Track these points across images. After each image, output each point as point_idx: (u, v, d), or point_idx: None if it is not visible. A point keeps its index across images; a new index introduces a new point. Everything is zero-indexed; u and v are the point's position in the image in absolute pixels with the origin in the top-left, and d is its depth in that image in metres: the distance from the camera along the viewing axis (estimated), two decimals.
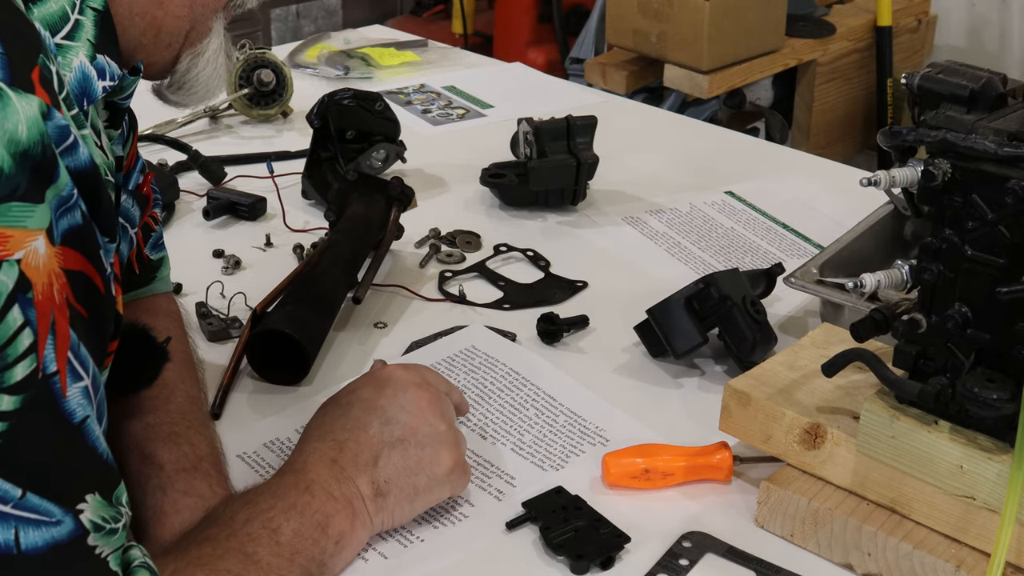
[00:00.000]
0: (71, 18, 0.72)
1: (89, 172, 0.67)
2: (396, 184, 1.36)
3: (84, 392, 0.66)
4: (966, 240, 0.81)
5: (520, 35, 3.87)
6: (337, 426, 0.90)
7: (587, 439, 1.03)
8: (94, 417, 0.67)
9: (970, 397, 0.80)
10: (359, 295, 1.22)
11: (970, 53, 3.55)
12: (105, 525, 0.67)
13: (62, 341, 0.64)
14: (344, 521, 0.85)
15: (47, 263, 0.63)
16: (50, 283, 0.63)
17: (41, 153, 0.62)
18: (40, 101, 0.63)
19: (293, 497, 0.83)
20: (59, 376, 0.64)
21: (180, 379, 0.96)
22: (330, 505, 0.84)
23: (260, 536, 0.79)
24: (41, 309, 0.62)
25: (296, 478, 0.85)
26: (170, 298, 1.08)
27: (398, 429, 0.89)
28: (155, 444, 0.90)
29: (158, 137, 1.61)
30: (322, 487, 0.85)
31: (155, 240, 1.06)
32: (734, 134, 1.90)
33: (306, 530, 0.82)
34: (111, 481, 0.69)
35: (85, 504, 0.66)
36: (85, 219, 0.66)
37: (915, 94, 0.86)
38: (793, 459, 0.92)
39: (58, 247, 0.64)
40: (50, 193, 0.63)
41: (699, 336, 1.12)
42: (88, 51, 0.73)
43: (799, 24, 3.08)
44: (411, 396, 0.91)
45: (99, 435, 0.68)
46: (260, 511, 0.81)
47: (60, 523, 0.64)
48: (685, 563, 0.89)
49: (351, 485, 0.86)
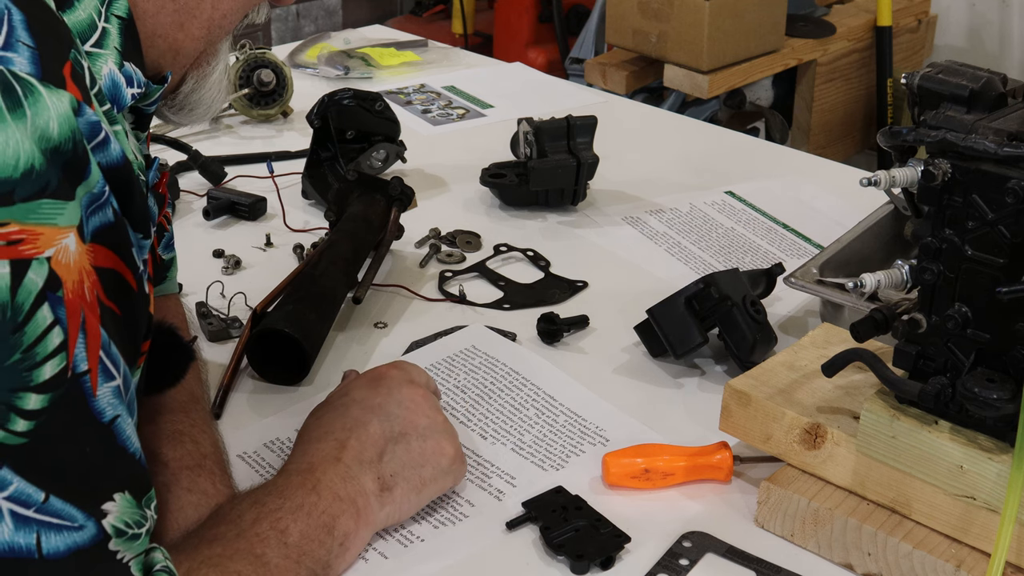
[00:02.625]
0: (98, 26, 0.72)
1: (122, 168, 0.66)
2: (396, 184, 1.36)
3: (115, 391, 0.66)
4: (966, 240, 0.81)
5: (520, 35, 3.87)
6: (337, 426, 0.90)
7: (587, 439, 1.03)
8: (126, 416, 0.67)
9: (970, 397, 0.80)
10: (359, 295, 1.22)
11: (970, 53, 3.55)
12: (128, 530, 0.67)
13: (93, 340, 0.64)
14: (349, 521, 0.85)
15: (78, 260, 0.62)
16: (81, 281, 0.63)
17: (72, 149, 0.62)
18: (71, 97, 0.62)
19: (300, 497, 0.83)
20: (90, 375, 0.64)
21: (186, 378, 0.96)
22: (336, 506, 0.84)
23: (269, 537, 0.79)
24: (71, 307, 0.62)
25: (303, 478, 0.85)
26: (176, 299, 1.08)
27: (398, 424, 0.91)
28: (160, 442, 0.90)
29: (158, 137, 1.60)
30: (328, 487, 0.85)
31: (167, 240, 1.06)
32: (734, 134, 1.90)
33: (313, 531, 0.82)
34: (143, 484, 0.69)
35: (112, 504, 0.65)
36: (117, 216, 0.66)
37: (915, 94, 0.86)
38: (793, 459, 0.92)
39: (89, 244, 0.63)
40: (81, 190, 0.63)
41: (699, 336, 1.12)
42: (116, 59, 0.73)
43: (799, 24, 3.08)
44: (405, 392, 0.93)
45: (130, 434, 0.67)
46: (268, 511, 0.81)
47: (82, 528, 0.64)
48: (685, 563, 0.89)
49: (356, 483, 0.87)
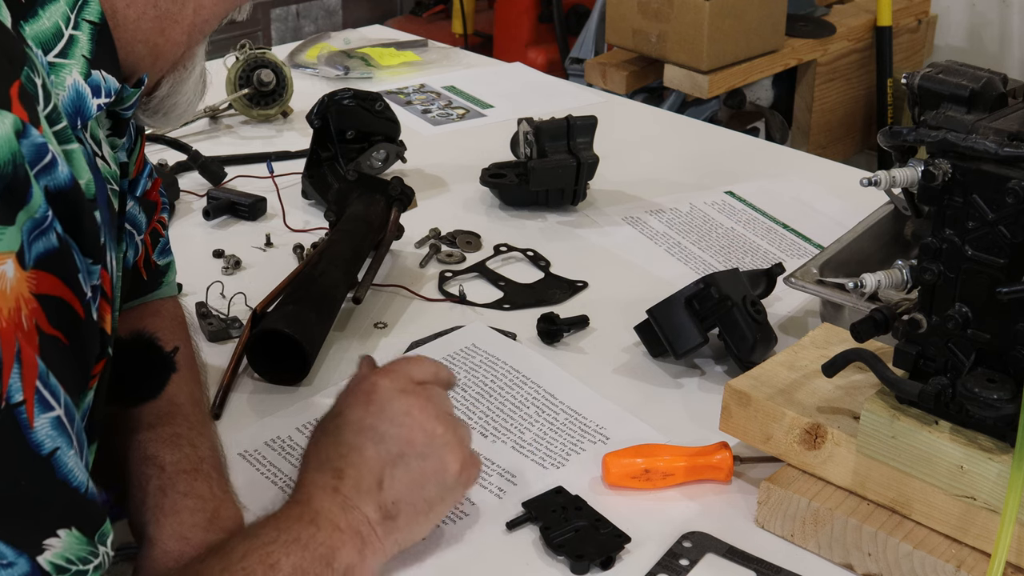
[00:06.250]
0: (65, 34, 0.70)
1: (69, 191, 0.64)
2: (396, 184, 1.36)
3: (55, 423, 0.62)
4: (966, 240, 0.81)
5: (520, 35, 3.87)
6: (332, 454, 0.87)
7: (588, 437, 1.03)
8: (66, 449, 0.63)
9: (970, 397, 0.80)
10: (359, 295, 1.22)
11: (970, 53, 3.55)
12: (70, 567, 0.63)
13: (29, 369, 0.60)
14: (351, 553, 0.82)
15: (15, 287, 0.60)
16: (18, 308, 0.60)
17: (12, 173, 0.59)
18: (15, 119, 0.60)
19: (297, 530, 0.80)
20: (25, 406, 0.60)
21: (183, 381, 0.96)
22: (336, 537, 0.82)
23: (255, 571, 0.77)
24: (5, 336, 0.59)
25: (301, 510, 0.83)
26: (175, 302, 1.08)
27: (394, 445, 0.86)
28: (157, 445, 0.89)
29: (158, 137, 1.61)
30: (327, 519, 0.82)
31: (163, 246, 1.05)
32: (734, 134, 1.90)
33: (308, 564, 0.79)
34: (92, 519, 0.65)
35: (55, 539, 0.62)
36: (62, 241, 0.63)
37: (915, 94, 0.86)
38: (793, 459, 0.92)
39: (31, 271, 0.61)
40: (22, 216, 0.60)
41: (699, 336, 1.12)
42: (83, 68, 0.71)
43: (799, 24, 3.08)
44: (398, 406, 0.87)
45: (73, 467, 0.63)
46: (260, 544, 0.79)
47: (12, 565, 0.60)
48: (685, 563, 0.89)
49: (357, 513, 0.84)
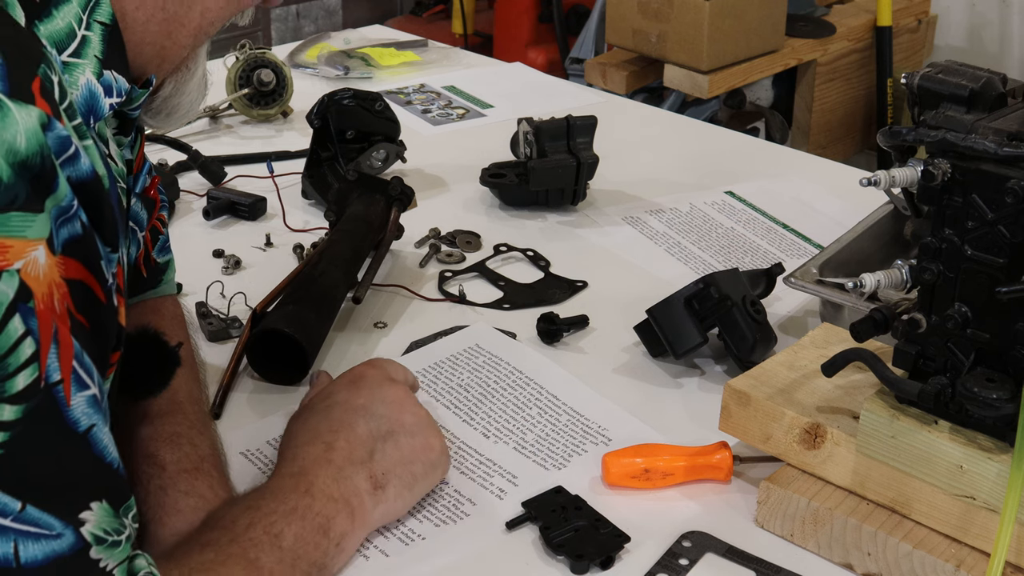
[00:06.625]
0: (78, 34, 0.72)
1: (90, 182, 0.67)
2: (396, 184, 1.36)
3: (90, 401, 0.66)
4: (966, 240, 0.81)
5: (520, 35, 3.87)
6: (323, 428, 0.90)
7: (589, 438, 1.03)
8: (102, 425, 0.67)
9: (970, 397, 0.80)
10: (359, 295, 1.22)
11: (970, 53, 3.55)
12: (107, 538, 0.66)
13: (65, 350, 0.64)
14: (344, 522, 0.85)
15: (48, 272, 0.63)
16: (51, 292, 0.63)
17: (40, 163, 0.62)
18: (40, 112, 0.63)
19: (293, 501, 0.83)
20: (63, 385, 0.64)
21: (183, 380, 0.96)
22: (330, 507, 0.85)
23: (262, 542, 0.79)
24: (43, 318, 0.62)
25: (295, 481, 0.85)
26: (174, 300, 1.08)
27: (385, 423, 0.91)
28: (157, 444, 0.90)
29: (158, 137, 1.61)
30: (321, 489, 0.85)
31: (162, 243, 1.06)
32: (734, 134, 1.90)
33: (307, 534, 0.82)
34: (121, 493, 0.68)
35: (89, 512, 0.65)
36: (86, 229, 0.66)
37: (915, 94, 0.86)
38: (793, 459, 0.92)
39: (59, 256, 0.64)
40: (50, 203, 0.63)
41: (699, 336, 1.12)
42: (95, 68, 0.73)
43: (799, 24, 3.08)
44: (387, 390, 0.94)
45: (107, 444, 0.67)
46: (262, 515, 0.81)
47: (60, 536, 0.64)
48: (685, 563, 0.89)
49: (349, 483, 0.87)
